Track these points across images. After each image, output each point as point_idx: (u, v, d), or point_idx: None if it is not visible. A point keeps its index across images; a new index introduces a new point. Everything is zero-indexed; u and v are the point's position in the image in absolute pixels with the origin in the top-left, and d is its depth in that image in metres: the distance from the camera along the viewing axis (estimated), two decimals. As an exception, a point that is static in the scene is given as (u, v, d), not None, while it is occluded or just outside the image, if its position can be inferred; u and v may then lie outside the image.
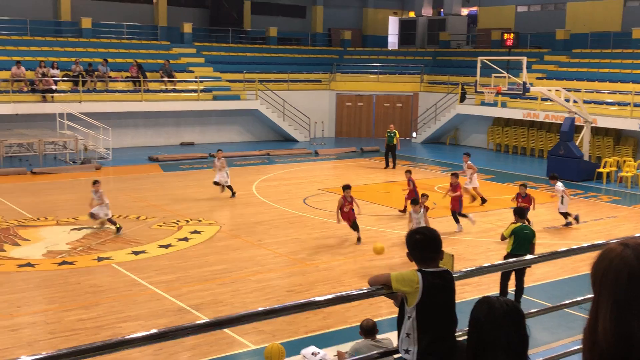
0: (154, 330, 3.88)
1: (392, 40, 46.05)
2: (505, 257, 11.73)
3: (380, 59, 40.83)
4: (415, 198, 15.43)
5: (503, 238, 12.14)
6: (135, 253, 14.86)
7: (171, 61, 34.84)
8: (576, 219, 17.91)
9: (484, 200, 20.36)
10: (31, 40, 33.26)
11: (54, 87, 29.95)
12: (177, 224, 17.47)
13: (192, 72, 35.25)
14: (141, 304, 11.83)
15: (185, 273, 13.59)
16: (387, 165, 27.41)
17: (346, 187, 15.79)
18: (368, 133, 38.22)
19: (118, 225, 16.55)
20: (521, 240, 11.76)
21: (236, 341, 10.26)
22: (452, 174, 17.89)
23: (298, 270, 14.07)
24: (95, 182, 16.63)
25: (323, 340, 10.07)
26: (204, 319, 10.36)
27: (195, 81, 34.13)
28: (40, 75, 29.87)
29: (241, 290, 12.61)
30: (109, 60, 32.94)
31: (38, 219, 17.85)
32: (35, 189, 22.36)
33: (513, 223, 12.03)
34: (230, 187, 20.76)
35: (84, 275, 13.38)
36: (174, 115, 32.80)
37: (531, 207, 16.50)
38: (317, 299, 4.55)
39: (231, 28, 39.98)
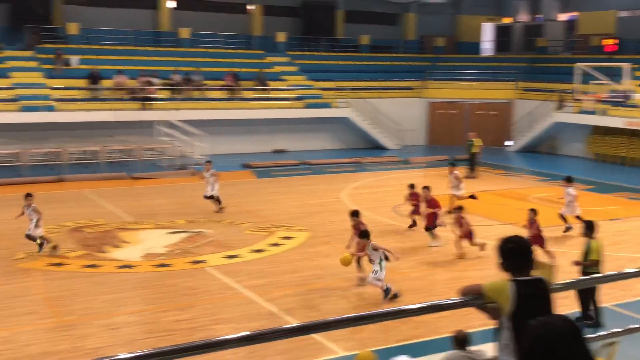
0: (246, 333, 3.94)
1: (486, 47, 45.23)
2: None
3: (474, 66, 40.19)
4: (365, 231, 13.14)
5: (593, 262, 11.09)
6: (229, 257, 15.18)
7: (265, 70, 35.49)
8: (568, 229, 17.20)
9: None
10: (133, 50, 34.63)
11: (153, 96, 31.06)
12: (269, 229, 17.73)
13: (285, 80, 35.79)
14: (234, 307, 12.06)
15: (277, 278, 13.76)
16: (473, 172, 27.08)
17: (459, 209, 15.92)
18: (461, 141, 37.64)
19: (53, 244, 15.21)
20: (601, 255, 11.18)
21: (326, 347, 10.30)
22: (423, 188, 17.12)
23: (388, 279, 13.98)
24: (28, 196, 15.31)
25: (414, 350, 9.97)
26: (294, 324, 10.49)
27: (288, 89, 34.63)
28: (141, 84, 31.06)
29: (331, 297, 12.65)
30: (206, 69, 33.89)
31: (137, 222, 18.53)
32: (135, 193, 23.24)
33: (590, 239, 11.30)
34: (211, 197, 19.95)
35: (179, 278, 13.77)
36: (267, 122, 33.37)
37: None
38: (410, 307, 4.51)
39: (324, 37, 40.33)
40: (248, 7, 39.81)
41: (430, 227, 16.54)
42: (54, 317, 11.46)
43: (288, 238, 16.96)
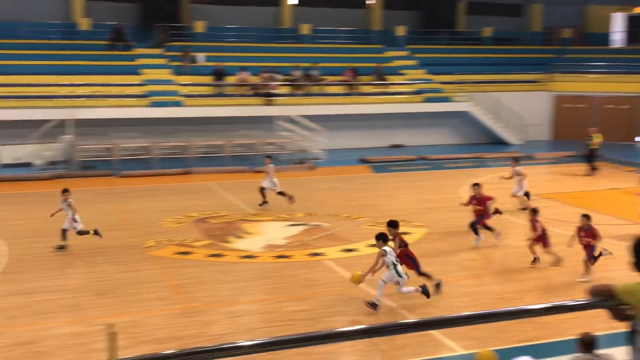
0: (365, 326, 3.95)
1: (616, 38, 43.01)
2: None
3: (603, 58, 38.33)
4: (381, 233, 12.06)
5: None
6: (347, 251, 15.30)
7: (384, 64, 35.42)
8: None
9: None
10: (255, 47, 35.52)
11: (274, 91, 31.76)
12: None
13: (404, 74, 35.56)
14: (352, 300, 12.15)
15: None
16: (594, 169, 25.88)
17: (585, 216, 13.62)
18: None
19: (92, 232, 15.63)
20: None
21: (445, 345, 10.18)
22: (473, 185, 16.41)
23: (509, 277, 13.64)
24: (65, 191, 15.68)
25: (536, 351, 9.67)
26: (412, 319, 10.42)
27: (407, 83, 34.40)
28: (263, 80, 31.84)
29: (450, 294, 12.48)
30: (325, 64, 34.24)
31: (258, 214, 19.03)
32: (256, 186, 23.83)
33: None
34: (282, 193, 19.89)
35: (299, 269, 14.03)
36: (385, 117, 33.31)
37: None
38: (534, 307, 4.39)
39: (444, 29, 39.73)
40: (367, 1, 39.87)
41: (475, 225, 15.84)
42: (181, 304, 11.98)
43: (405, 234, 16.85)
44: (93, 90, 29.62)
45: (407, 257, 12.41)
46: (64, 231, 15.42)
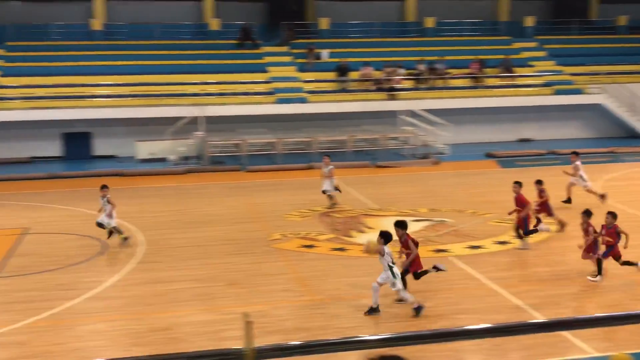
0: (492, 325, 3.88)
1: None
2: None
3: None
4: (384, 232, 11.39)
5: None
6: (472, 247, 15.03)
7: (511, 56, 34.44)
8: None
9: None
10: (379, 41, 35.52)
11: (398, 86, 31.65)
12: (514, 221, 17.21)
13: (533, 66, 34.42)
14: (477, 298, 11.93)
15: (523, 271, 13.38)
16: None
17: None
18: None
19: (124, 236, 15.74)
20: None
21: (575, 346, 9.80)
22: (514, 183, 15.29)
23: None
24: (103, 187, 15.81)
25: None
26: (541, 319, 10.11)
27: (536, 75, 33.27)
28: (386, 75, 31.81)
29: (582, 295, 12.00)
30: (451, 57, 33.74)
31: (381, 209, 19.06)
32: (378, 181, 23.90)
33: None
34: (332, 192, 19.33)
35: (425, 266, 13.91)
36: (512, 111, 32.40)
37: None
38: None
39: (576, 19, 38.06)
40: (494, -8, 38.87)
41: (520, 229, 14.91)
42: (306, 296, 12.22)
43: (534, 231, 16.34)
44: (223, 88, 30.72)
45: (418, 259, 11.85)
46: (99, 225, 15.72)
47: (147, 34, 34.04)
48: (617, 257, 12.44)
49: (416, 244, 11.94)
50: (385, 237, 11.18)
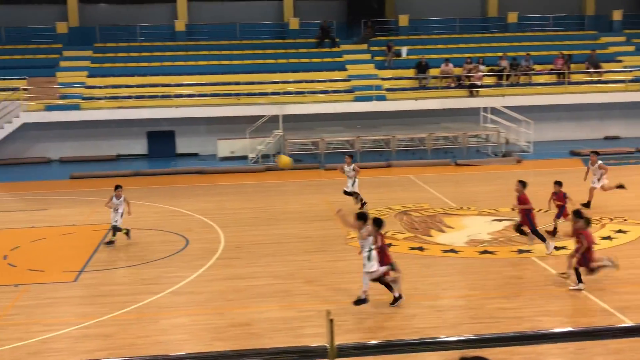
0: (577, 328, 3.71)
1: None
2: None
3: None
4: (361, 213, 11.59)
5: None
6: (556, 248, 14.58)
7: (598, 51, 33.29)
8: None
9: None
10: (459, 37, 34.98)
11: (479, 83, 31.09)
12: (600, 221, 16.64)
13: (621, 61, 33.16)
14: (562, 300, 11.57)
15: (609, 273, 12.85)
16: None
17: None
18: None
19: (125, 231, 15.88)
20: None
21: (667, 353, 9.35)
22: (519, 181, 14.53)
23: None
24: (117, 187, 16.00)
25: None
26: (629, 323, 9.70)
27: (624, 71, 32.04)
28: (467, 71, 31.29)
29: (674, 299, 11.44)
30: (535, 53, 32.91)
31: (461, 208, 18.75)
32: (458, 179, 23.53)
33: None
34: (351, 194, 18.95)
35: (504, 266, 13.62)
36: (599, 107, 31.33)
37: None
38: None
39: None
40: (580, -15, 37.64)
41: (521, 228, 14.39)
42: (385, 295, 12.11)
43: (622, 232, 15.75)
44: (301, 87, 30.93)
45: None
46: (115, 228, 15.86)
47: (228, 33, 34.64)
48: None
49: (363, 216, 11.50)
50: (362, 217, 11.24)
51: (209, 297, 12.26)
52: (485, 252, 14.61)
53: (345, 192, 19.19)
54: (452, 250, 14.81)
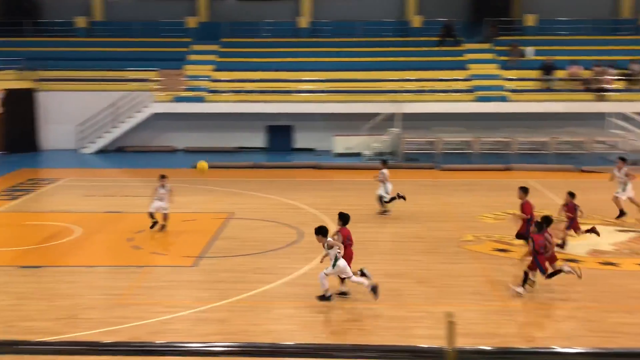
0: None
1: None
2: None
3: None
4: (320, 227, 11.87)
5: None
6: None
7: None
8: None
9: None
10: (589, 39, 33.55)
11: (608, 87, 29.71)
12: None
13: None
14: (690, 320, 10.90)
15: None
16: None
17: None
18: None
19: (153, 222, 16.47)
20: None
21: None
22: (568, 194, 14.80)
23: None
24: (162, 177, 16.70)
25: None
26: None
27: None
28: (596, 74, 29.98)
29: None
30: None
31: (584, 216, 17.97)
32: (582, 186, 22.51)
33: None
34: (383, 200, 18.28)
35: (627, 279, 12.99)
36: None
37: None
38: None
39: None
40: None
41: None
42: (498, 301, 11.87)
43: None
44: (421, 85, 30.68)
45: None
46: (151, 215, 16.52)
47: (350, 31, 34.87)
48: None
49: (322, 231, 11.80)
50: (319, 231, 11.70)
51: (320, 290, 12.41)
52: (607, 263, 13.98)
53: (387, 201, 18.36)
54: (573, 260, 14.24)
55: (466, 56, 32.87)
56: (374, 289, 11.48)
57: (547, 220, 12.31)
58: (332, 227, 13.41)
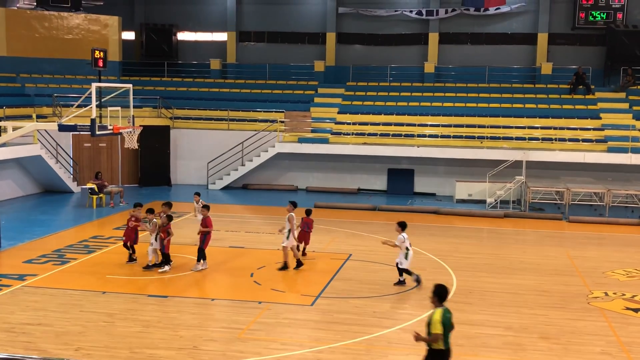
0: None
1: None
2: (438, 354, 8.92)
3: None
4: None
5: (435, 338, 8.88)
6: None
7: None
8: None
9: None
10: None
11: None
12: None
13: None
14: None
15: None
16: None
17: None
18: None
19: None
20: (448, 328, 9.02)
21: None
22: None
23: None
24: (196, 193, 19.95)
25: None
26: None
27: None
28: None
29: None
30: None
31: None
32: None
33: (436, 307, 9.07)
34: None
35: None
36: None
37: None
38: None
39: None
40: None
41: None
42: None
43: None
44: (549, 133, 29.81)
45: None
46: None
47: (477, 76, 34.53)
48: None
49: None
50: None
51: (438, 339, 12.15)
52: None
53: None
54: None
55: (599, 105, 31.68)
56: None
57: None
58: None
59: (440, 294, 9.24)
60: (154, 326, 12.57)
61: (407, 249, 15.61)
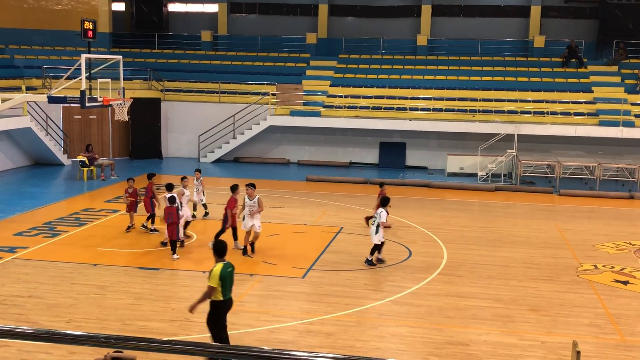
0: None
1: None
2: (217, 305, 9.64)
3: None
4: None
5: (209, 291, 9.55)
6: None
7: None
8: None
9: None
10: None
11: None
12: None
13: None
14: None
15: None
16: None
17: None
18: None
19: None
20: (228, 281, 9.67)
21: None
22: None
23: None
24: (197, 170, 19.64)
25: None
26: None
27: None
28: None
29: None
30: None
31: None
32: None
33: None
34: None
35: None
36: None
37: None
38: None
39: None
40: None
41: None
42: (615, 335, 11.30)
43: None
44: (541, 107, 29.80)
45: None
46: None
47: (470, 49, 34.38)
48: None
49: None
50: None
51: (428, 311, 12.26)
52: None
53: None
54: (700, 298, 13.36)
55: (591, 78, 31.64)
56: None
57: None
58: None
59: (218, 249, 9.80)
60: (146, 298, 12.60)
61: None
